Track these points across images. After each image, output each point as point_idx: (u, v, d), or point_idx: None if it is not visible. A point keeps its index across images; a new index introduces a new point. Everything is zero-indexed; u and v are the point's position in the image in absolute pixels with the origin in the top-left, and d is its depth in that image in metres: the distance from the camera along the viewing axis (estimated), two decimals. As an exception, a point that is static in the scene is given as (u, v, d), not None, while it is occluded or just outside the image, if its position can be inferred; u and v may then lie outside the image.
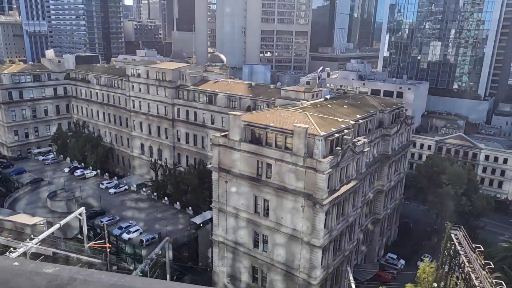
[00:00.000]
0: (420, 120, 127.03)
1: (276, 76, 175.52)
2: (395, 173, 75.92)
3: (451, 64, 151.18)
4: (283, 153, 48.14)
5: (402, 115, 76.33)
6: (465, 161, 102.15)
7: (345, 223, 53.26)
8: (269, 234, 52.04)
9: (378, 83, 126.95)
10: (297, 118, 51.20)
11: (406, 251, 77.44)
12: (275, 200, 50.07)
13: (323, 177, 45.27)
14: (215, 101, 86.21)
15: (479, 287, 39.20)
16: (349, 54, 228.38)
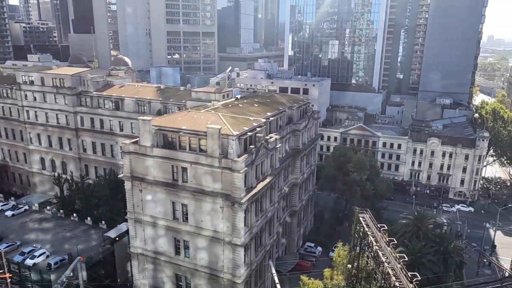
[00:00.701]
0: (326, 114, 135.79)
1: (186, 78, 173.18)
2: (307, 165, 79.98)
3: (348, 61, 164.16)
4: (198, 156, 47.54)
5: (309, 111, 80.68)
6: (366, 149, 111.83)
7: (264, 218, 54.55)
8: (190, 239, 51.07)
9: (285, 81, 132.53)
10: (209, 119, 50.94)
11: (322, 238, 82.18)
12: (194, 203, 49.29)
13: (240, 176, 45.75)
14: (123, 107, 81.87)
15: (386, 262, 43.14)
16: (256, 54, 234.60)
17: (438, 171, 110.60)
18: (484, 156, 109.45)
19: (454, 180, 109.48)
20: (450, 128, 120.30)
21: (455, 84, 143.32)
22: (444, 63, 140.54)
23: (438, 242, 63.12)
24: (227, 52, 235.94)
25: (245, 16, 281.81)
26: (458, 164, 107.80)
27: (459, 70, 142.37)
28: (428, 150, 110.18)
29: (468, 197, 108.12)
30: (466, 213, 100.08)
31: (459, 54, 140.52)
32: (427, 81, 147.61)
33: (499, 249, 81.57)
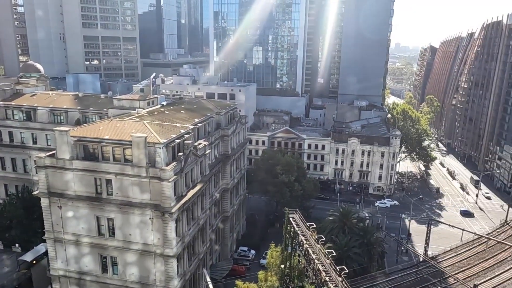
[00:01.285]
0: (253, 119, 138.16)
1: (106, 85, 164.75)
2: (237, 170, 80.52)
3: (272, 66, 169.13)
4: (123, 166, 45.33)
5: (237, 116, 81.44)
6: (293, 151, 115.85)
7: (196, 226, 53.68)
8: (118, 254, 48.39)
9: (211, 87, 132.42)
10: (134, 127, 48.92)
11: (255, 241, 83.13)
12: (121, 217, 46.85)
13: (169, 185, 44.54)
14: (35, 117, 75.14)
15: (316, 259, 45.03)
16: (181, 60, 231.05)
17: (359, 168, 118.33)
18: (397, 153, 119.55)
19: (373, 176, 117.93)
20: (367, 128, 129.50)
21: (370, 87, 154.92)
22: (359, 68, 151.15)
23: (362, 235, 67.51)
24: (150, 58, 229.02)
25: (168, 21, 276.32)
26: (376, 161, 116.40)
27: (372, 74, 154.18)
28: (349, 150, 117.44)
29: (385, 191, 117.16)
30: (386, 206, 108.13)
31: (372, 59, 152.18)
32: (345, 85, 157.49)
33: (414, 237, 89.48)
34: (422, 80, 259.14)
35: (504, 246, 67.44)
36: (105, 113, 69.77)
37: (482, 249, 68.85)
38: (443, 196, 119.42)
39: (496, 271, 62.46)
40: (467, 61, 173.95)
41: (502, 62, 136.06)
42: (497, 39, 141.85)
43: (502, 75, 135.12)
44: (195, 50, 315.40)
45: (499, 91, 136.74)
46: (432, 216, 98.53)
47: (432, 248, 72.94)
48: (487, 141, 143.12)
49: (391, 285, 58.69)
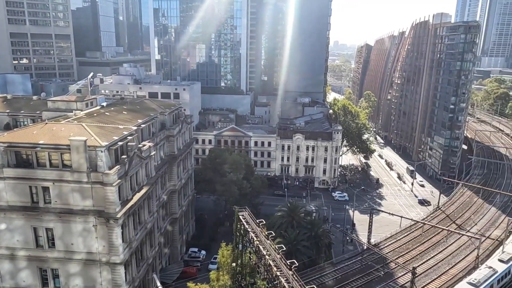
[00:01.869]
0: (198, 118, 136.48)
1: (39, 86, 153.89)
2: (184, 170, 79.16)
3: (216, 64, 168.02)
4: (61, 172, 42.69)
5: (182, 115, 79.96)
6: (240, 149, 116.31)
7: (143, 231, 52.05)
8: (59, 266, 45.59)
9: (154, 86, 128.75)
10: (72, 130, 46.21)
11: (205, 242, 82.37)
12: (61, 226, 44.14)
13: (113, 189, 42.70)
14: (-43, 123, 68.19)
15: (267, 255, 45.61)
16: (120, 58, 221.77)
17: (304, 163, 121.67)
18: (340, 147, 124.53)
19: (317, 170, 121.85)
20: (311, 124, 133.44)
21: (312, 84, 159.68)
22: (301, 66, 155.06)
23: (309, 228, 69.54)
24: (87, 56, 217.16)
25: (105, 18, 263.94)
26: (320, 156, 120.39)
27: (313, 72, 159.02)
28: (294, 146, 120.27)
29: (330, 184, 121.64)
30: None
31: (312, 57, 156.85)
32: (288, 82, 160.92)
33: (357, 227, 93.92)
34: (360, 76, 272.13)
35: (438, 229, 73.09)
36: (38, 116, 65.05)
37: (419, 234, 74.02)
38: (382, 186, 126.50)
39: (431, 253, 67.54)
40: (399, 59, 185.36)
41: (430, 59, 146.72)
42: (424, 38, 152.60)
43: (430, 71, 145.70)
44: (135, 48, 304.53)
45: (428, 86, 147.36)
46: (374, 205, 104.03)
47: (375, 236, 77.07)
48: (419, 133, 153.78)
49: (338, 274, 61.14)
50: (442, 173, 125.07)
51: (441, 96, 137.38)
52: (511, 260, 57.77)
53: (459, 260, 64.92)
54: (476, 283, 52.18)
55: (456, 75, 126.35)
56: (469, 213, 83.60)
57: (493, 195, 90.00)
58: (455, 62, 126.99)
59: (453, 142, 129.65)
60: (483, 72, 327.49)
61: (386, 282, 59.04)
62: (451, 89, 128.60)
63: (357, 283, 58.73)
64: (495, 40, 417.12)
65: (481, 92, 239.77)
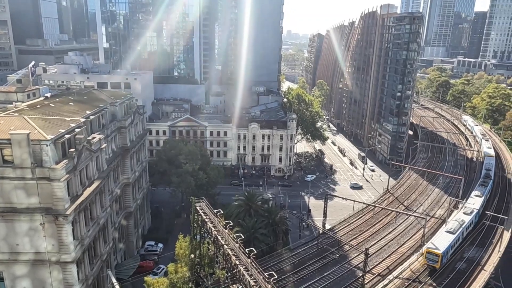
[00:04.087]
0: (151, 108, 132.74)
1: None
2: (138, 163, 76.87)
3: (169, 53, 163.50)
4: (2, 169, 39.78)
5: (134, 106, 77.28)
6: (196, 140, 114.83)
7: (96, 226, 50.07)
8: (4, 269, 42.81)
9: (103, 76, 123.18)
10: (13, 124, 43.11)
11: (162, 234, 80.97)
12: (4, 226, 41.34)
13: (61, 185, 40.52)
14: None
15: (225, 244, 45.67)
16: (65, 46, 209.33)
17: (260, 152, 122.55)
18: (294, 135, 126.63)
19: (273, 158, 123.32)
20: (266, 112, 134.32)
21: (266, 73, 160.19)
22: (255, 55, 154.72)
23: (267, 216, 70.46)
24: (27, 44, 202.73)
25: (46, 3, 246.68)
26: (275, 144, 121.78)
27: (267, 61, 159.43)
28: (250, 135, 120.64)
29: (286, 172, 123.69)
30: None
31: (266, 46, 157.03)
32: (243, 71, 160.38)
33: (313, 212, 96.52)
34: (313, 65, 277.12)
35: (387, 211, 76.87)
36: (-27, 109, 60.05)
37: (370, 216, 77.42)
38: (336, 172, 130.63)
39: (382, 234, 70.97)
40: (350, 48, 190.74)
41: (378, 48, 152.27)
42: (373, 28, 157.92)
43: (378, 60, 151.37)
44: (81, 35, 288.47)
45: (376, 74, 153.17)
46: (328, 191, 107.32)
47: (330, 221, 79.65)
48: (369, 120, 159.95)
49: (296, 259, 62.57)
50: (391, 158, 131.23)
51: (388, 84, 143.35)
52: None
53: (407, 239, 68.80)
54: None
55: (402, 64, 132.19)
56: (416, 195, 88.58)
57: (436, 177, 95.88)
58: (401, 52, 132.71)
59: (400, 128, 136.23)
60: (426, 61, 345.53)
61: (341, 264, 61.35)
62: (398, 78, 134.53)
63: (314, 266, 60.51)
64: (436, 31, 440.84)
65: (424, 80, 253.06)
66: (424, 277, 55.31)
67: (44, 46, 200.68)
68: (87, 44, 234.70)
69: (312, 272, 59.02)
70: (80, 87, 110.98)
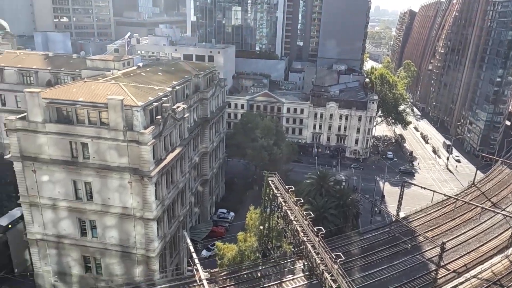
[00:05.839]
0: (232, 82, 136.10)
1: (78, 45, 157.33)
2: (216, 134, 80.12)
3: (252, 28, 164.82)
4: (99, 130, 44.19)
5: (216, 78, 79.91)
6: (272, 115, 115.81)
7: (176, 190, 53.74)
8: (97, 218, 48.22)
9: (189, 48, 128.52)
10: (110, 89, 47.34)
11: (234, 204, 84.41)
12: (99, 181, 46.24)
13: (147, 148, 43.93)
14: (3, 78, 71.56)
15: (294, 220, 46.24)
16: (156, 19, 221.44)
17: (336, 132, 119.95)
18: (374, 117, 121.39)
19: (349, 140, 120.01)
20: (346, 92, 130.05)
21: (349, 51, 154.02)
22: (339, 32, 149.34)
23: (338, 197, 69.46)
24: (124, 16, 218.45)
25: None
26: (353, 125, 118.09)
27: (351, 38, 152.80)
28: (327, 114, 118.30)
29: (361, 154, 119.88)
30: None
31: (351, 23, 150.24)
32: (325, 49, 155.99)
33: (387, 198, 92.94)
34: (400, 44, 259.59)
35: (471, 206, 71.01)
36: (78, 74, 67.13)
37: (451, 210, 72.29)
38: (416, 160, 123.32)
39: (462, 229, 66.08)
40: (445, 26, 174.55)
41: (479, 27, 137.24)
42: (475, 4, 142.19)
43: (478, 41, 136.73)
44: (171, 9, 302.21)
45: (474, 57, 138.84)
46: (406, 178, 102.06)
47: (404, 209, 76.07)
48: (459, 106, 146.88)
49: (364, 243, 61.26)
50: (481, 149, 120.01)
51: (487, 67, 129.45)
52: None
53: (491, 238, 63.29)
54: None
55: (507, 46, 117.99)
56: (507, 192, 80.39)
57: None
58: (506, 32, 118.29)
59: (496, 117, 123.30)
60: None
61: (413, 254, 58.67)
62: (499, 61, 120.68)
63: (383, 253, 58.73)
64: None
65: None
66: (507, 281, 50.82)
67: (139, 19, 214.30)
68: (176, 17, 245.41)
69: (380, 259, 57.40)
70: (168, 58, 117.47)
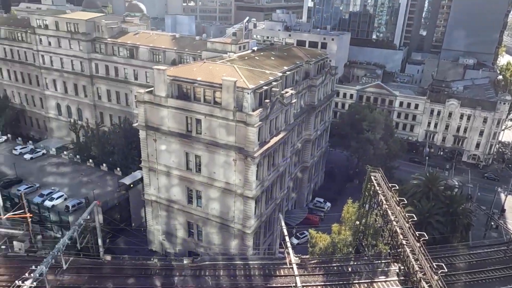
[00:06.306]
0: (343, 70, 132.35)
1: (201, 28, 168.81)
2: (321, 122, 79.33)
3: (371, 15, 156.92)
4: (212, 108, 47.33)
5: (327, 66, 78.61)
6: (382, 108, 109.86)
7: (276, 173, 55.11)
8: (202, 189, 52.22)
9: (303, 34, 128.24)
10: (225, 71, 50.11)
11: (331, 194, 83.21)
12: (207, 155, 49.83)
13: (254, 130, 45.66)
14: (137, 55, 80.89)
15: (394, 221, 43.75)
16: (274, 4, 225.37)
17: (454, 133, 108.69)
18: (503, 120, 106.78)
19: (469, 143, 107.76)
20: (471, 89, 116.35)
21: (480, 43, 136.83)
22: (471, 20, 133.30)
23: (447, 204, 63.34)
24: (244, 1, 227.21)
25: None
26: (476, 127, 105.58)
27: (486, 28, 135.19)
28: (446, 112, 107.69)
29: (482, 160, 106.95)
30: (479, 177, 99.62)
31: (488, 10, 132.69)
32: (451, 39, 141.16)
33: (508, 213, 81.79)
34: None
35: None
36: (198, 55, 72.40)
37: None
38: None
39: None
40: None
41: None
42: None
43: None
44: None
45: None
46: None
47: (529, 228, 66.22)
48: None
49: (473, 259, 55.07)
50: None
51: None
52: None
53: None
54: None
55: None
56: None
57: None
58: None
59: None
60: None
61: (534, 281, 51.01)
62: None
63: (496, 273, 52.14)
64: None
65: None
66: None
67: (257, 4, 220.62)
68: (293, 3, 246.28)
69: (491, 279, 51.09)
70: (282, 43, 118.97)
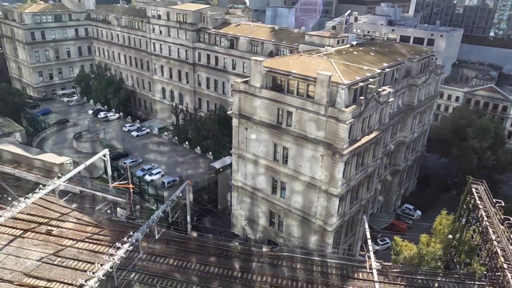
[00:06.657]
0: (450, 70, 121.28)
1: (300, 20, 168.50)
2: (419, 124, 74.08)
3: (490, 9, 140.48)
4: (304, 101, 47.25)
5: (432, 64, 72.81)
6: (493, 114, 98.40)
7: (363, 173, 53.19)
8: (287, 181, 52.74)
9: (408, 29, 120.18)
10: (320, 65, 49.51)
11: (423, 203, 77.53)
12: (295, 148, 50.07)
13: (345, 127, 44.56)
14: (237, 46, 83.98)
15: (496, 240, 39.29)
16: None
17: None
18: None
19: None
20: None
21: None
22: None
23: None
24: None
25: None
26: None
27: None
28: None
29: None
30: None
31: None
32: None
33: None
34: None
35: None
36: (295, 48, 72.54)
37: None
38: None
39: None
40: None
41: None
42: None
43: None
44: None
45: None
46: None
47: None
48: None
49: None
50: None
51: None
52: None
53: None
54: None
55: None
56: None
57: None
58: None
59: None
60: None
61: None
62: None
63: None
64: None
65: None
66: None
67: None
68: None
69: None
70: (383, 38, 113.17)
